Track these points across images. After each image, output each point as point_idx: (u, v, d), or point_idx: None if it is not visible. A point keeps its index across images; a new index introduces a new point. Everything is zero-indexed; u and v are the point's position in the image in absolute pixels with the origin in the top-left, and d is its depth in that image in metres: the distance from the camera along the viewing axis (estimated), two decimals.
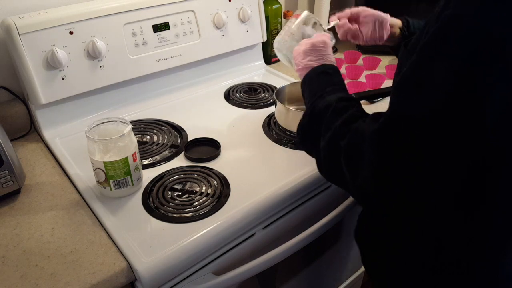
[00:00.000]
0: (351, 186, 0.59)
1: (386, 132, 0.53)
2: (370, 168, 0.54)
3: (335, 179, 0.65)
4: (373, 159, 0.54)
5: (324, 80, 0.71)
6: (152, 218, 0.74)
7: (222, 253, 0.75)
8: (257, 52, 1.28)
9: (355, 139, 0.57)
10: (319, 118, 0.66)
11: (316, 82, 0.72)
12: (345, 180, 0.59)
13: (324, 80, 0.71)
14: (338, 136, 0.60)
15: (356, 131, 0.58)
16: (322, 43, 0.75)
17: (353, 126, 0.59)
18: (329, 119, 0.63)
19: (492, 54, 0.44)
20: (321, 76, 0.72)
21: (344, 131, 0.60)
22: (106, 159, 0.73)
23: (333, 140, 0.61)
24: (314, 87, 0.71)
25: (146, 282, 0.65)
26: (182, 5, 1.05)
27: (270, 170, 0.86)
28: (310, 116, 0.69)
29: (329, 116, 0.64)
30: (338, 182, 0.64)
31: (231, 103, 1.11)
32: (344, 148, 0.59)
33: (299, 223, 0.88)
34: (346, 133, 0.59)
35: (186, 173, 0.84)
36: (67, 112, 0.97)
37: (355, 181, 0.57)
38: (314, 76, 0.72)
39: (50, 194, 0.80)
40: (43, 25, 0.86)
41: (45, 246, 0.69)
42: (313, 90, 0.71)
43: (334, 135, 0.61)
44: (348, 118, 0.61)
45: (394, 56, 1.38)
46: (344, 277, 1.30)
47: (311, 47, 0.75)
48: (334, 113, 0.63)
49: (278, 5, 1.29)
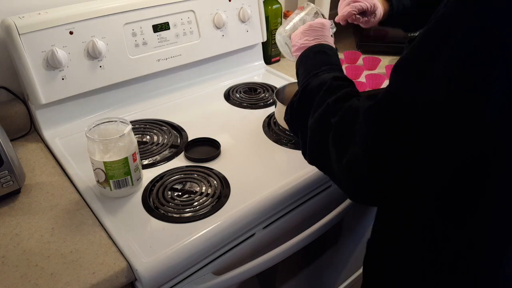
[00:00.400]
0: (335, 166, 0.57)
1: (383, 109, 0.51)
2: (362, 145, 0.52)
3: (318, 160, 0.63)
4: (367, 136, 0.52)
5: (321, 59, 0.69)
6: (152, 218, 0.74)
7: (222, 253, 0.75)
8: (257, 52, 1.28)
9: (348, 116, 0.56)
10: (310, 96, 0.64)
11: (312, 60, 0.70)
12: (329, 160, 0.58)
13: (321, 59, 0.70)
14: (329, 113, 0.59)
15: (349, 108, 0.57)
16: (320, 24, 0.74)
17: (347, 104, 0.58)
18: (322, 97, 0.62)
19: (492, 50, 0.44)
20: (318, 55, 0.70)
21: (336, 108, 0.58)
22: (106, 159, 0.73)
23: (323, 117, 0.59)
24: (309, 65, 0.69)
25: (146, 282, 0.65)
26: (182, 5, 1.05)
27: (270, 170, 0.86)
28: (302, 93, 0.67)
29: (322, 94, 0.62)
30: (322, 163, 0.62)
31: (231, 103, 1.11)
32: (335, 125, 0.57)
33: (299, 223, 0.88)
34: (338, 110, 0.58)
35: (186, 173, 0.84)
36: (67, 112, 0.97)
37: (341, 160, 0.55)
38: (311, 54, 0.71)
39: (50, 194, 0.80)
40: (43, 25, 0.86)
41: (45, 246, 0.69)
42: (308, 68, 0.69)
43: (325, 112, 0.59)
44: (341, 96, 0.60)
45: (394, 56, 1.39)
46: (344, 277, 1.30)
47: (308, 27, 0.74)
48: (328, 91, 0.62)
49: (278, 5, 1.29)
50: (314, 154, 0.63)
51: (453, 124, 0.47)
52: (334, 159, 0.57)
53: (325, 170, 0.62)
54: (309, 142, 0.63)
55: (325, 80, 0.64)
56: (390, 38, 1.40)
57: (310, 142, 0.63)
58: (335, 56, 0.71)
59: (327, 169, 0.61)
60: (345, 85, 0.62)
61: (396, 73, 0.52)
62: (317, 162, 0.64)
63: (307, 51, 0.72)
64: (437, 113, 0.47)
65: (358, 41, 1.43)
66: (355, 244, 1.21)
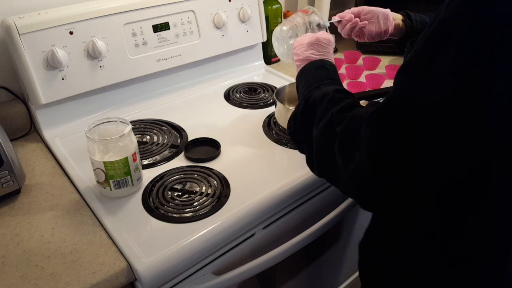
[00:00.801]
0: (343, 174, 0.57)
1: (386, 112, 0.52)
2: (367, 150, 0.53)
3: (326, 169, 0.63)
4: (371, 141, 0.53)
5: (322, 74, 0.70)
6: (152, 218, 0.74)
7: (222, 253, 0.75)
8: (257, 52, 1.28)
9: (353, 124, 0.56)
10: (313, 108, 0.65)
11: (313, 74, 0.71)
12: (337, 169, 0.58)
13: (322, 74, 0.71)
14: (334, 122, 0.59)
15: (353, 117, 0.57)
16: (327, 40, 0.75)
17: (350, 113, 0.59)
18: (325, 108, 0.62)
19: (493, 50, 0.44)
20: (319, 70, 0.71)
21: (341, 118, 0.59)
22: (106, 159, 0.73)
23: (328, 127, 0.60)
24: (310, 79, 0.70)
25: (146, 282, 0.65)
26: (182, 5, 1.05)
27: (270, 170, 0.86)
28: (305, 105, 0.67)
29: (325, 105, 0.63)
30: (329, 172, 0.62)
31: (231, 103, 1.11)
32: (340, 134, 0.58)
33: (299, 223, 0.88)
34: (343, 120, 0.58)
35: (186, 173, 0.84)
36: (67, 112, 0.97)
37: (348, 167, 0.55)
38: (312, 69, 0.72)
39: (50, 194, 0.80)
40: (43, 25, 0.86)
41: (45, 246, 0.69)
42: (309, 82, 0.70)
43: (329, 121, 0.60)
44: (345, 106, 0.60)
45: (394, 56, 1.38)
46: (344, 277, 1.30)
47: (316, 41, 0.75)
48: (331, 102, 0.62)
49: (278, 5, 1.29)
50: (321, 165, 0.64)
51: (455, 126, 0.47)
52: (341, 167, 0.57)
53: (333, 181, 0.63)
54: (315, 153, 0.63)
55: (328, 91, 0.65)
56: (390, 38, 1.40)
57: (316, 153, 0.63)
58: (334, 72, 0.72)
59: (335, 180, 0.62)
60: (346, 97, 0.63)
61: (399, 76, 0.52)
62: (324, 173, 0.64)
63: (308, 65, 0.73)
64: (438, 114, 0.47)
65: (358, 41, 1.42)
66: (355, 244, 1.21)
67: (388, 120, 0.51)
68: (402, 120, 0.50)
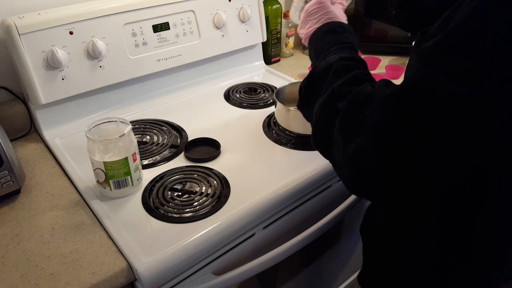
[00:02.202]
0: (340, 154, 0.53)
1: (405, 98, 0.47)
2: (373, 135, 0.49)
3: (323, 147, 0.59)
4: (381, 125, 0.48)
5: (329, 39, 0.65)
6: (152, 218, 0.74)
7: (222, 253, 0.75)
8: (257, 52, 1.28)
9: (359, 101, 0.52)
10: (317, 82, 0.60)
11: (320, 41, 0.66)
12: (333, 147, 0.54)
13: (329, 39, 0.65)
14: (336, 97, 0.55)
15: (360, 93, 0.52)
16: (315, 4, 0.71)
17: (357, 88, 0.53)
18: (329, 81, 0.58)
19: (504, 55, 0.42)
20: (326, 36, 0.66)
21: (343, 92, 0.54)
22: (106, 159, 0.73)
23: (328, 102, 0.56)
24: (319, 48, 0.65)
25: (146, 282, 0.65)
26: (182, 5, 1.05)
27: (270, 170, 0.86)
28: (308, 79, 0.63)
29: (330, 78, 0.58)
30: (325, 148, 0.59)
31: (231, 103, 1.11)
32: (342, 111, 0.53)
33: (299, 223, 0.88)
34: (347, 94, 0.54)
35: (186, 173, 0.84)
36: (67, 112, 0.97)
37: (346, 148, 0.52)
38: (319, 36, 0.67)
39: (50, 194, 0.80)
40: (43, 25, 0.86)
41: (45, 246, 0.69)
42: (318, 51, 0.65)
43: (330, 96, 0.56)
44: (349, 79, 0.56)
45: (394, 56, 1.39)
46: (344, 277, 1.30)
47: (305, 14, 0.71)
48: (335, 75, 0.58)
49: (278, 5, 1.29)
50: (318, 139, 0.60)
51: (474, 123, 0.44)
52: (339, 147, 0.53)
53: (327, 155, 0.59)
54: (314, 127, 0.60)
55: (331, 63, 0.60)
56: (390, 38, 1.40)
57: (315, 127, 0.60)
58: (344, 33, 0.66)
59: (329, 156, 0.58)
60: (352, 66, 0.58)
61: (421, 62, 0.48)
62: (320, 146, 0.61)
63: (316, 32, 0.68)
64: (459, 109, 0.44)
65: (358, 41, 1.42)
66: (355, 244, 1.21)
67: (405, 107, 0.47)
68: (420, 109, 0.46)
